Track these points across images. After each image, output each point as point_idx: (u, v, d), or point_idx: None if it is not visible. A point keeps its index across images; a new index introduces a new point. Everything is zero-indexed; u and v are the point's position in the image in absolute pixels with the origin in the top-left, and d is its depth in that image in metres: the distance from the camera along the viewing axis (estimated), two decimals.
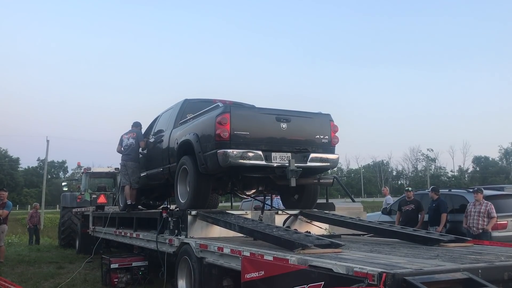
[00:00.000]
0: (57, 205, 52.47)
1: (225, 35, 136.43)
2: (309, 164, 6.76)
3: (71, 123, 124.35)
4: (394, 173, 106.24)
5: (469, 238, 6.25)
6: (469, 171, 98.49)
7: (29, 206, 64.36)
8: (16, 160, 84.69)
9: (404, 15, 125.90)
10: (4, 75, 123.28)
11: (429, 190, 10.49)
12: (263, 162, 6.44)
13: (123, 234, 9.48)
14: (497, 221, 9.03)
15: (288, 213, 7.37)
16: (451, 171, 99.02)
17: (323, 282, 3.63)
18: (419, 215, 10.22)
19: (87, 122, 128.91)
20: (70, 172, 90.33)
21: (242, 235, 6.16)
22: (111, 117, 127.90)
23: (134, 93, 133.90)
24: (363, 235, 7.32)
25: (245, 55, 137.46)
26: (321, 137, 6.97)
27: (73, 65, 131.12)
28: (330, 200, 8.93)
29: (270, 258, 4.49)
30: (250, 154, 6.35)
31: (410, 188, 10.98)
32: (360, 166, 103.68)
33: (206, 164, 6.56)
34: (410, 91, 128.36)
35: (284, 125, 6.64)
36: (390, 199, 12.43)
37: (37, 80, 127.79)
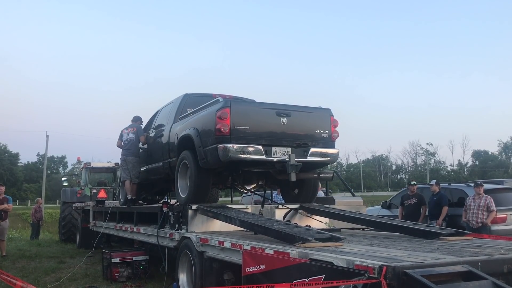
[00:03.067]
0: (57, 200, 52.53)
1: (225, 31, 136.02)
2: (309, 158, 6.77)
3: (71, 118, 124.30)
4: (394, 167, 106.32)
5: (468, 232, 6.28)
6: (468, 165, 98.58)
7: (29, 201, 64.46)
8: (16, 156, 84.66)
9: (403, 11, 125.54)
10: (3, 70, 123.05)
11: (431, 183, 10.46)
12: (263, 157, 6.44)
13: (123, 228, 9.50)
14: (496, 214, 9.04)
15: (288, 207, 7.38)
16: (451, 165, 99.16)
17: (323, 276, 3.65)
18: (421, 209, 10.21)
19: (87, 117, 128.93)
20: (70, 167, 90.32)
21: (242, 229, 6.17)
22: (111, 112, 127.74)
23: (134, 87, 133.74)
24: (363, 229, 7.34)
25: (245, 51, 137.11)
26: (321, 131, 6.97)
27: (72, 61, 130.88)
28: (330, 195, 8.95)
29: (271, 252, 4.50)
30: (250, 149, 6.36)
31: (414, 182, 10.91)
32: (359, 160, 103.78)
33: (206, 158, 6.57)
34: (410, 85, 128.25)
35: (284, 120, 6.64)
36: (321, 194, 12.51)
37: (37, 76, 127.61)
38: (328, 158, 7.03)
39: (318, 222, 7.16)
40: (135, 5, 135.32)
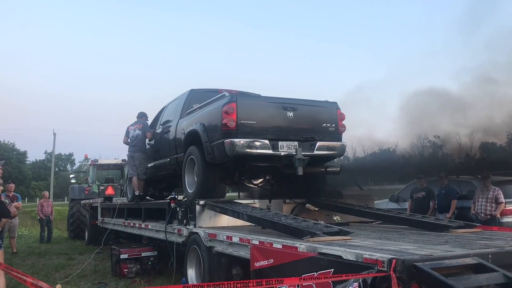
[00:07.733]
0: (65, 198, 52.84)
1: (228, 29, 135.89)
2: (316, 152, 6.74)
3: (78, 116, 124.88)
4: (401, 160, 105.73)
5: (477, 224, 6.23)
6: (476, 157, 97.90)
7: (37, 199, 64.90)
8: (24, 154, 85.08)
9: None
10: (11, 70, 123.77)
11: (440, 175, 10.36)
12: (270, 151, 6.43)
13: (132, 225, 9.54)
14: (505, 206, 8.96)
15: (295, 202, 7.37)
16: (458, 157, 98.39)
17: (332, 269, 3.64)
18: (430, 203, 10.13)
19: (94, 115, 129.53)
20: (77, 164, 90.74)
21: (250, 224, 6.19)
22: (117, 109, 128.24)
23: (140, 85, 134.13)
24: (371, 222, 7.32)
25: (250, 47, 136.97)
26: (328, 125, 6.93)
27: (79, 60, 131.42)
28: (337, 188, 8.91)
29: (279, 246, 4.50)
30: (257, 143, 6.34)
31: (421, 175, 10.81)
32: (366, 154, 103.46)
33: (213, 153, 6.56)
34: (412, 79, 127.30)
35: (290, 114, 6.61)
36: None
37: (44, 75, 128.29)
38: (335, 152, 7.00)
39: (326, 216, 7.14)
40: (141, 3, 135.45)
